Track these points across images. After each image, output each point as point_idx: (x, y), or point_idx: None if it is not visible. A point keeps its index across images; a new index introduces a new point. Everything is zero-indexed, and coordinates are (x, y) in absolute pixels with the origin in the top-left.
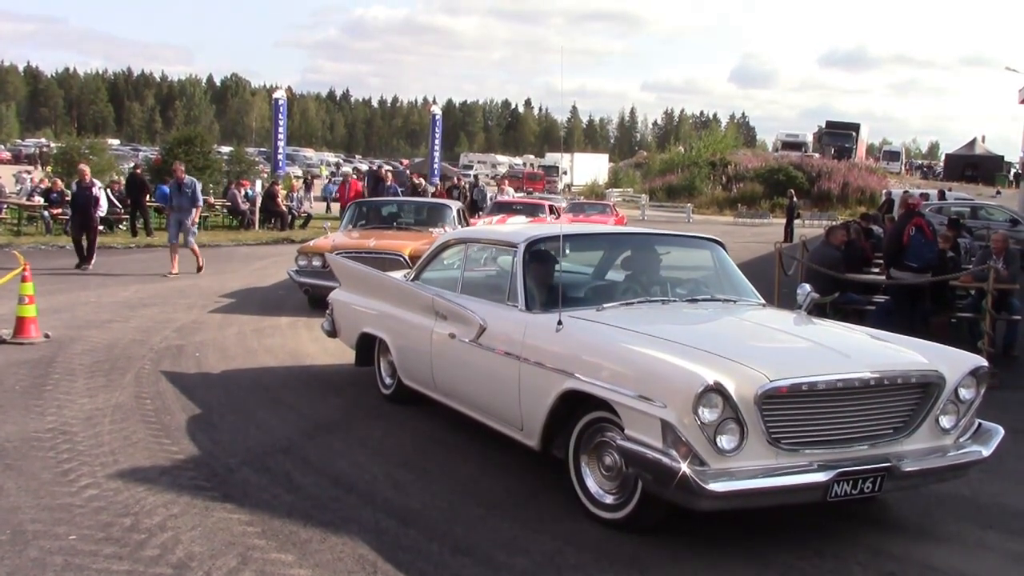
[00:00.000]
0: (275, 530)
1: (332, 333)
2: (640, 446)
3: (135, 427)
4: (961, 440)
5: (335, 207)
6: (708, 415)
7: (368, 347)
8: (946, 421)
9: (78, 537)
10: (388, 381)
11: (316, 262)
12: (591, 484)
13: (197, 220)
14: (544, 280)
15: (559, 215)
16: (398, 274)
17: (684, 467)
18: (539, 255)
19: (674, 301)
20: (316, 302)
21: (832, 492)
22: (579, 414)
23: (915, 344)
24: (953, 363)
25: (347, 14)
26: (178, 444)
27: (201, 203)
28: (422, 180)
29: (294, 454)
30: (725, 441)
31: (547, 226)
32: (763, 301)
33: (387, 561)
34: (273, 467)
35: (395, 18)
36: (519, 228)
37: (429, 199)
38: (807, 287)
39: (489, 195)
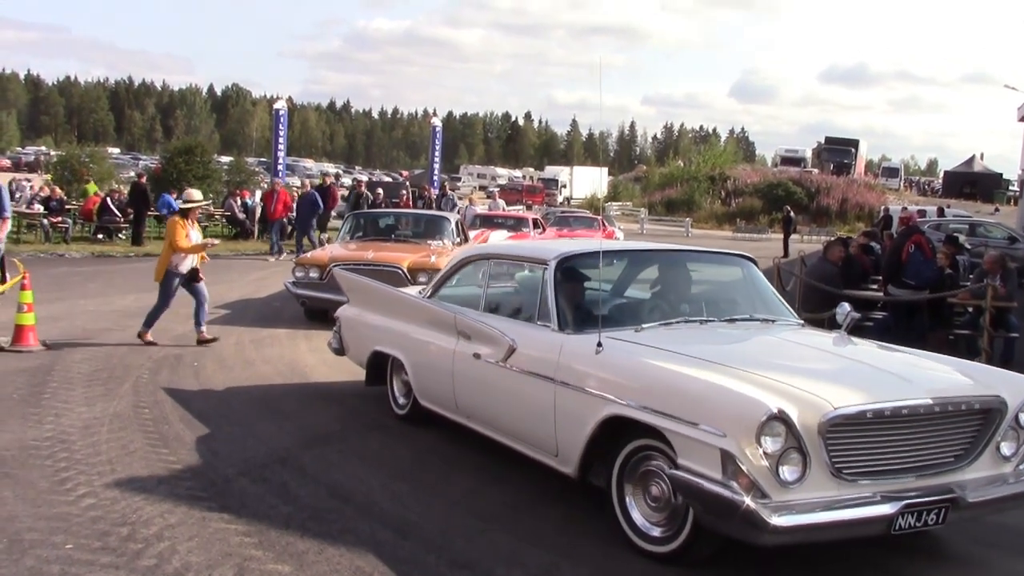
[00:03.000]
0: (272, 541)
1: (340, 351)
2: (696, 477)
3: (133, 436)
4: (1021, 467)
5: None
6: (771, 445)
7: (380, 366)
8: (1007, 448)
9: (75, 546)
10: (402, 401)
11: (313, 274)
12: (636, 516)
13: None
14: (577, 298)
15: (544, 229)
16: (413, 290)
17: (747, 500)
18: (571, 272)
19: (712, 321)
20: (313, 314)
21: (897, 525)
22: (623, 441)
23: (970, 367)
24: (1014, 387)
25: (350, 25)
26: (176, 454)
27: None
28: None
29: (292, 465)
30: (787, 472)
31: (577, 242)
32: (801, 320)
33: (384, 573)
34: (271, 478)
35: (397, 30)
36: (547, 244)
37: (428, 211)
38: (847, 306)
39: (461, 207)
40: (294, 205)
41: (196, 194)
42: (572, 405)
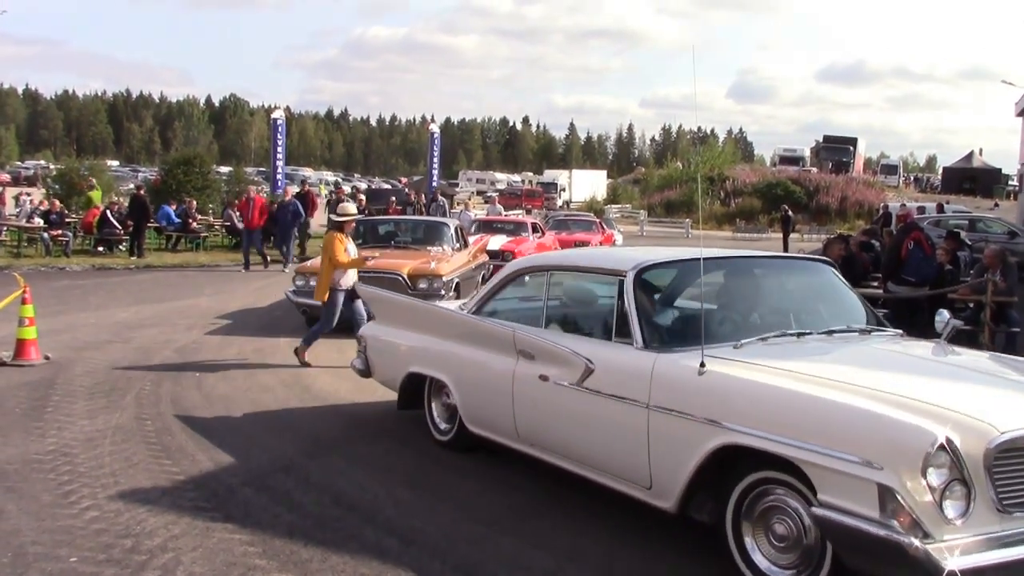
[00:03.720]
0: (276, 550)
1: (365, 372)
2: (846, 516)
3: (136, 448)
4: None
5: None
6: (936, 478)
7: (416, 388)
8: None
9: (79, 559)
10: (444, 426)
11: (314, 282)
12: (759, 559)
13: None
14: (660, 312)
15: (543, 233)
16: (452, 304)
17: (916, 542)
18: (651, 283)
19: (808, 334)
20: (314, 322)
21: None
22: (738, 473)
23: None
24: None
25: (346, 34)
26: (179, 465)
27: None
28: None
29: (295, 473)
30: (951, 508)
31: (650, 250)
32: (899, 331)
33: None
34: (274, 486)
35: (395, 37)
36: (618, 253)
37: (427, 217)
38: (946, 313)
39: (458, 212)
40: (273, 212)
41: (351, 207)
42: (671, 432)
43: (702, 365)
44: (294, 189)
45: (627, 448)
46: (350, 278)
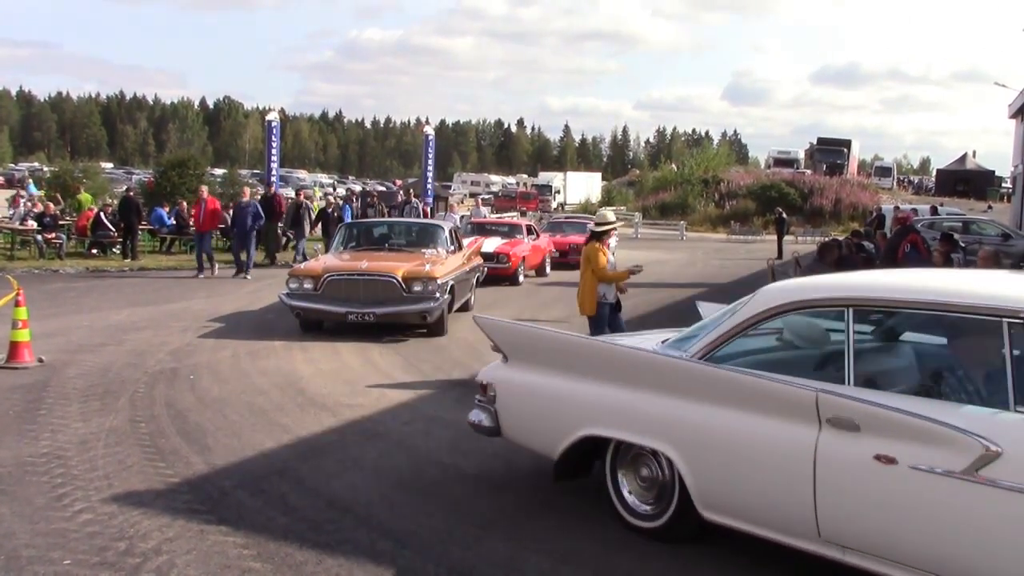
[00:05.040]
0: (270, 553)
1: (494, 430)
2: None
3: (130, 451)
4: None
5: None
6: None
7: (587, 454)
8: None
9: (73, 562)
10: (647, 509)
11: (308, 284)
12: None
13: None
14: None
15: (538, 235)
16: (649, 341)
17: None
18: None
19: None
20: (308, 325)
21: None
22: None
23: None
24: None
25: (342, 36)
26: (173, 467)
27: None
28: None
29: (289, 476)
30: None
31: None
32: None
33: None
34: (268, 489)
35: (390, 39)
36: (986, 282)
37: (421, 220)
38: None
39: (447, 215)
40: (227, 216)
41: (609, 214)
42: None
43: None
44: (255, 191)
45: None
46: (613, 289)
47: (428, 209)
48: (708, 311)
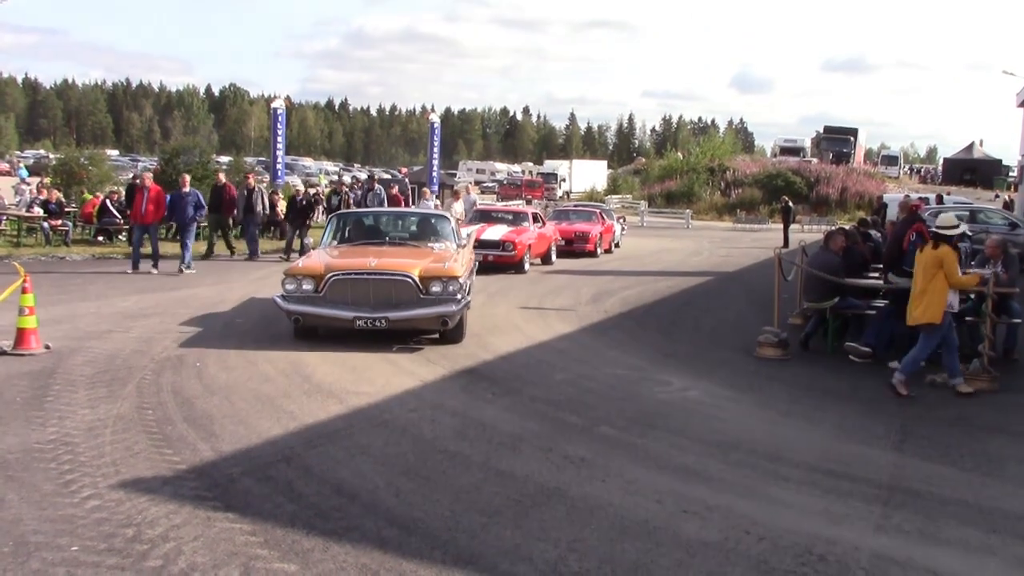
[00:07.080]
0: (277, 540)
1: None
2: None
3: (137, 437)
4: None
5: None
6: None
7: None
8: None
9: (80, 548)
10: None
11: (307, 286)
12: None
13: None
14: None
15: (544, 223)
16: None
17: None
18: None
19: None
20: (306, 332)
21: None
22: None
23: None
24: None
25: (348, 24)
26: (180, 454)
27: None
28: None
29: (296, 463)
30: None
31: None
32: None
33: (390, 570)
34: (275, 476)
35: (396, 27)
36: None
37: (422, 209)
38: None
39: (422, 203)
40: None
41: (953, 217)
42: None
43: None
44: (260, 178)
45: None
46: (957, 297)
47: (401, 197)
48: None
